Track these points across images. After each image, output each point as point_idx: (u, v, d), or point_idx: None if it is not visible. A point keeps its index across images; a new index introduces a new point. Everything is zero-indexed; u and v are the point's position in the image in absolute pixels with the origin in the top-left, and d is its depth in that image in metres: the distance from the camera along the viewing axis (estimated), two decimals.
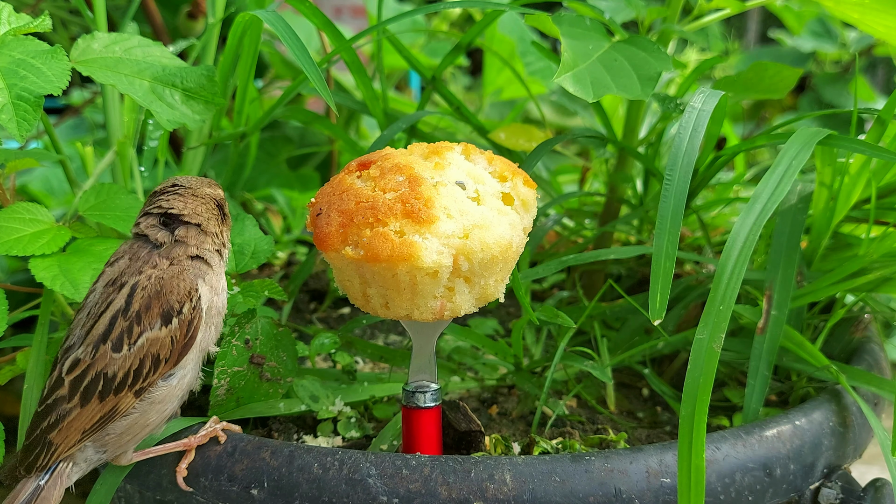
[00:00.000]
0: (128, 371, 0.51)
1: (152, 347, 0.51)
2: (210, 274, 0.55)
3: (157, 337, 0.52)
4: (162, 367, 0.52)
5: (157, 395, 0.53)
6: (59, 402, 0.51)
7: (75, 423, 0.51)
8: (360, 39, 0.79)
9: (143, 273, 0.53)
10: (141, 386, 0.52)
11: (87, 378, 0.51)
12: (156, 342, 0.52)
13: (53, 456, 0.51)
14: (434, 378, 0.57)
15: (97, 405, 0.51)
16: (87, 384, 0.51)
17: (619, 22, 0.80)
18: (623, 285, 0.84)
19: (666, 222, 0.52)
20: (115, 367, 0.51)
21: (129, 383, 0.51)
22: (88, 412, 0.51)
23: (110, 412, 0.52)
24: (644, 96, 0.63)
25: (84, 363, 0.51)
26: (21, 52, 0.60)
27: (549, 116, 1.36)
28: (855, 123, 0.70)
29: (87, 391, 0.51)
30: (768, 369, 0.63)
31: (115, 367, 0.51)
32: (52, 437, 0.51)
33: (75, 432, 0.51)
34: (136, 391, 0.52)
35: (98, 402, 0.51)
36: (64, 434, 0.51)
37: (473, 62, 1.76)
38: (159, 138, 0.83)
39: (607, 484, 0.52)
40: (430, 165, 0.52)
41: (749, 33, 2.52)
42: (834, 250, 0.75)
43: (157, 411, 0.53)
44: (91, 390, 0.51)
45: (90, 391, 0.51)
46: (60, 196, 1.21)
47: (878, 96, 1.67)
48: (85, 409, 0.51)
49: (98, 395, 0.51)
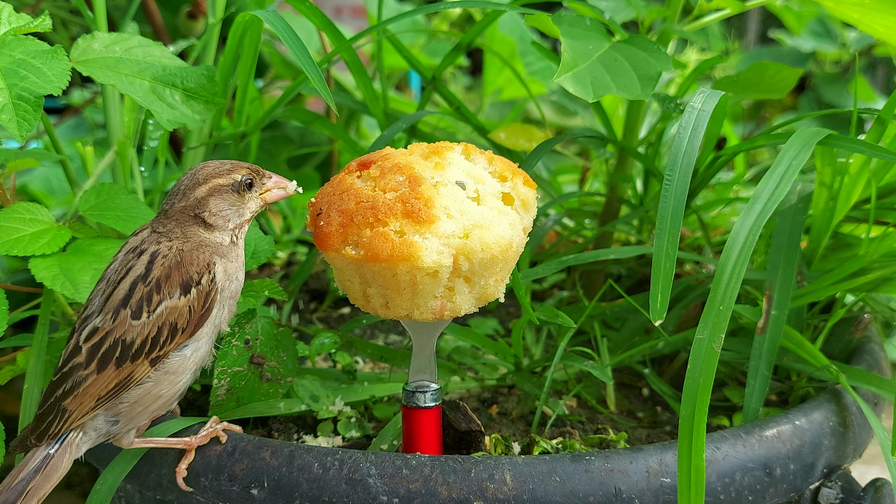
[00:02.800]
0: (146, 338, 0.52)
1: (171, 316, 0.52)
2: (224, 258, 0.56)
3: (176, 306, 0.52)
4: (179, 336, 0.53)
5: (170, 365, 0.54)
6: (76, 370, 0.52)
7: (91, 389, 0.52)
8: (360, 39, 0.79)
9: (163, 243, 0.54)
10: (157, 354, 0.53)
11: (105, 344, 0.52)
12: (174, 311, 0.52)
13: (67, 423, 0.52)
14: (434, 378, 0.57)
15: (113, 371, 0.52)
16: (105, 350, 0.52)
17: (619, 22, 0.80)
18: (623, 285, 0.84)
19: (666, 222, 0.52)
20: (133, 333, 0.52)
21: (146, 351, 0.52)
22: (104, 378, 0.52)
23: (126, 379, 0.52)
24: (644, 96, 0.63)
25: (103, 330, 0.52)
26: (21, 52, 0.60)
27: (549, 116, 1.36)
28: (855, 123, 0.70)
29: (105, 357, 0.52)
30: (768, 369, 0.63)
31: (134, 333, 0.52)
32: (67, 404, 0.52)
33: (90, 399, 0.52)
34: (151, 359, 0.53)
35: (115, 368, 0.52)
36: (79, 401, 0.52)
37: (473, 62, 1.76)
38: (159, 138, 0.83)
39: (607, 484, 0.52)
40: (430, 165, 0.52)
41: (749, 33, 2.52)
42: (834, 250, 0.75)
43: (169, 382, 0.54)
44: (108, 356, 0.52)
45: (107, 357, 0.52)
46: (60, 196, 1.21)
47: (878, 96, 1.67)
48: (101, 376, 0.52)
49: (115, 362, 0.52)
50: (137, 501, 0.61)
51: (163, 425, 0.58)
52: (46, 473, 0.52)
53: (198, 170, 0.56)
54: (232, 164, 0.56)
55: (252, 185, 0.57)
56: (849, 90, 1.73)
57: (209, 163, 0.57)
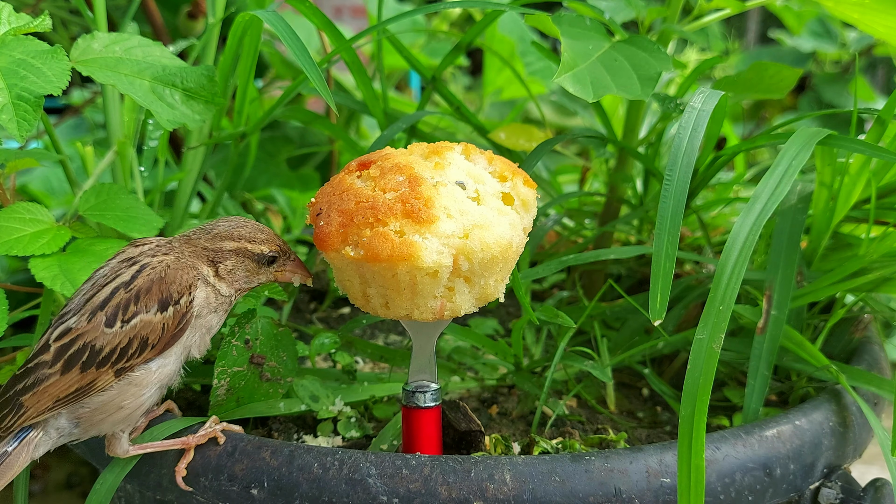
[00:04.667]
0: (115, 347, 0.52)
1: (143, 330, 0.52)
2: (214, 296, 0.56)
3: (151, 321, 0.53)
4: (147, 351, 0.53)
5: (134, 377, 0.54)
6: (41, 367, 0.52)
7: (51, 388, 0.52)
8: (360, 39, 0.79)
9: (156, 257, 0.54)
10: (123, 365, 0.53)
11: (73, 346, 0.52)
12: (148, 325, 0.53)
13: (21, 418, 0.52)
14: (434, 378, 0.57)
15: (77, 375, 0.52)
16: (73, 353, 0.52)
17: (619, 22, 0.80)
18: (623, 285, 0.84)
19: (666, 222, 0.52)
20: (104, 340, 0.52)
21: (112, 360, 0.52)
22: (66, 381, 0.52)
23: (88, 385, 0.52)
24: (644, 96, 0.63)
25: (75, 331, 0.52)
26: (21, 52, 0.60)
27: (549, 116, 1.36)
28: (855, 123, 0.70)
29: (71, 360, 0.52)
30: (768, 369, 0.63)
31: (104, 341, 0.52)
32: (25, 400, 0.52)
33: (49, 398, 0.52)
34: (116, 370, 0.53)
35: (79, 372, 0.52)
36: (37, 398, 0.52)
37: (473, 62, 1.76)
38: (159, 138, 0.83)
39: (607, 484, 0.52)
40: (430, 165, 0.52)
41: (749, 33, 2.52)
42: (834, 250, 0.75)
43: (132, 394, 0.54)
44: (75, 359, 0.52)
45: (74, 360, 0.52)
46: (60, 196, 1.21)
47: (878, 96, 1.67)
48: (64, 377, 0.52)
49: (81, 366, 0.52)
50: (137, 501, 0.61)
51: (163, 425, 0.58)
52: (1, 470, 0.52)
53: (237, 226, 0.57)
54: (269, 235, 0.57)
55: (274, 262, 0.58)
56: (849, 90, 1.73)
57: (250, 223, 0.58)
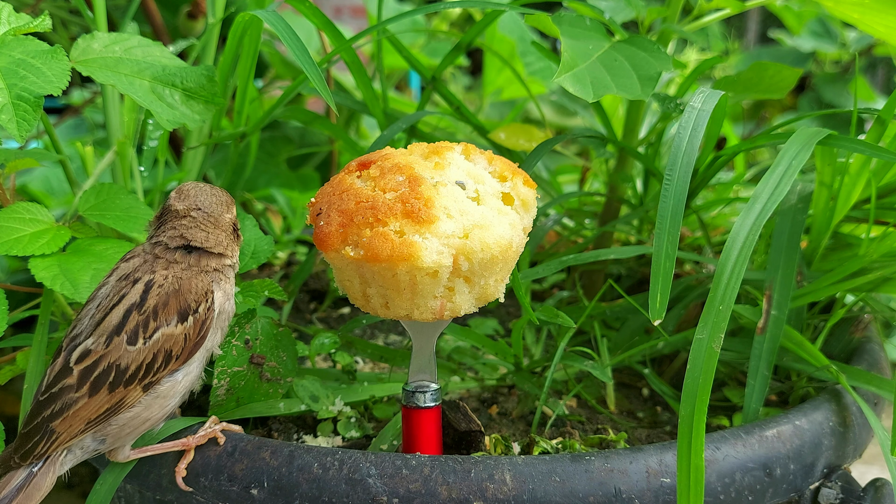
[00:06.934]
0: (140, 364, 0.52)
1: (166, 343, 0.53)
2: (224, 281, 0.56)
3: (172, 333, 0.53)
4: (173, 363, 0.53)
5: (161, 389, 0.54)
6: (66, 391, 0.52)
7: (81, 412, 0.52)
8: (360, 39, 0.79)
9: (157, 272, 0.54)
10: (150, 380, 0.53)
11: (98, 368, 0.52)
12: (170, 338, 0.53)
13: (54, 444, 0.52)
14: (434, 378, 0.57)
15: (106, 396, 0.52)
16: (98, 374, 0.52)
17: (619, 22, 0.80)
18: (623, 285, 0.84)
19: (666, 222, 0.52)
20: (128, 359, 0.52)
21: (139, 376, 0.52)
22: (96, 402, 0.52)
23: (118, 404, 0.52)
24: (644, 96, 0.63)
25: (96, 353, 0.52)
26: (21, 52, 0.60)
27: (549, 116, 1.36)
28: (855, 123, 0.70)
29: (98, 381, 0.52)
30: (768, 369, 0.63)
31: (129, 359, 0.52)
32: (55, 426, 0.51)
33: (80, 422, 0.52)
34: (144, 385, 0.53)
35: (107, 392, 0.52)
36: (68, 423, 0.51)
37: (473, 62, 1.76)
38: (159, 138, 0.83)
39: (607, 484, 0.52)
40: (430, 165, 0.52)
41: (749, 33, 2.52)
42: (834, 250, 0.75)
43: (159, 406, 0.54)
44: (102, 381, 0.52)
45: (100, 381, 0.52)
46: (60, 196, 1.21)
47: (878, 96, 1.67)
48: (92, 399, 0.52)
49: (108, 386, 0.52)
50: (137, 501, 0.61)
51: (163, 426, 0.58)
52: (29, 492, 0.52)
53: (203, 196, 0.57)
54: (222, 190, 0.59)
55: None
56: (849, 90, 1.73)
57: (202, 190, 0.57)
